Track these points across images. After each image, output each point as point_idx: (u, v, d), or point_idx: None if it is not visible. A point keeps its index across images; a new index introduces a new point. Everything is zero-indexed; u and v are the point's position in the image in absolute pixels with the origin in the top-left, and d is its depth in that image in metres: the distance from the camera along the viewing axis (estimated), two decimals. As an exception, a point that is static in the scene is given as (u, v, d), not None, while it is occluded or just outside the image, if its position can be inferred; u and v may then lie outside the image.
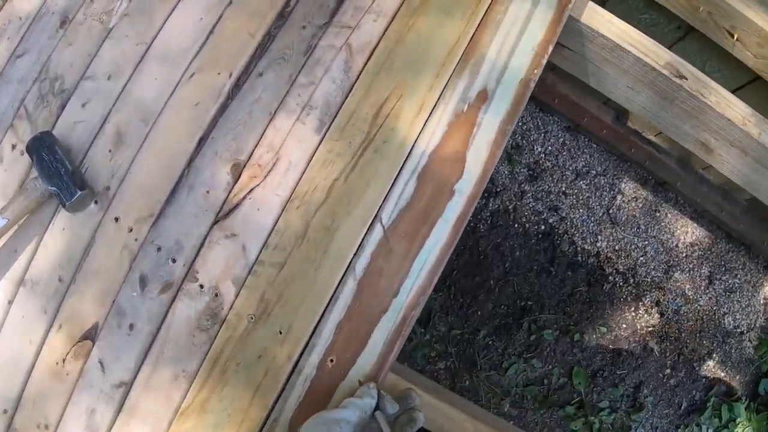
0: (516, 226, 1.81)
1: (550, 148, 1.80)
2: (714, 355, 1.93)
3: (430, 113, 0.90)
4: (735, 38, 1.16)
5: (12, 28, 1.01)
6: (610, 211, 1.84)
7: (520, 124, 1.78)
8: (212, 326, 0.89)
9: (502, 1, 0.94)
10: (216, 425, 0.89)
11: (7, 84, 0.99)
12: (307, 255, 0.88)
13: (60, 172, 0.90)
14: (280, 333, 0.88)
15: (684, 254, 1.89)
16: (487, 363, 1.81)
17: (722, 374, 1.96)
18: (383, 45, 0.92)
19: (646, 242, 1.86)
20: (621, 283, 1.86)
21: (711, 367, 1.94)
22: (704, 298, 1.91)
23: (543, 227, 1.82)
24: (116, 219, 0.93)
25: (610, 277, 1.85)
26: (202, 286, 0.90)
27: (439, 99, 0.91)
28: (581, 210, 1.82)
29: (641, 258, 1.86)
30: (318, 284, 0.88)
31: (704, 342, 1.92)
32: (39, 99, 0.97)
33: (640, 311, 1.88)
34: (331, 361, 0.88)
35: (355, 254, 0.88)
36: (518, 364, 1.81)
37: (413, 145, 0.89)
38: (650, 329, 1.89)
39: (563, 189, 1.82)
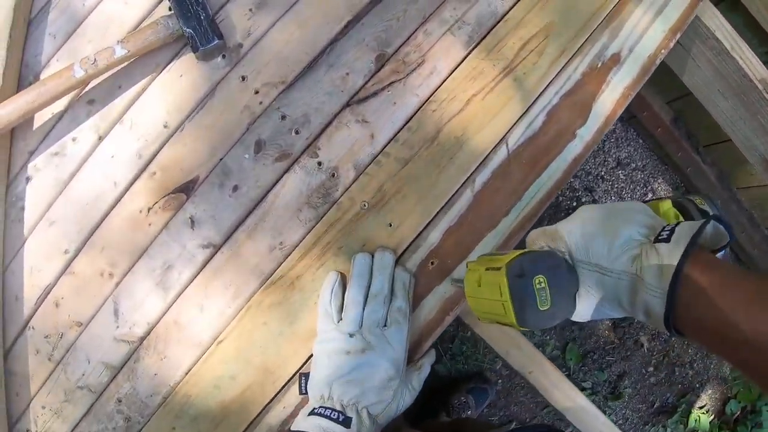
0: (550, 199, 1.95)
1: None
2: (695, 365, 2.12)
3: (570, 59, 0.99)
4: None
5: None
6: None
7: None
8: (322, 205, 0.93)
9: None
10: (302, 304, 0.92)
11: None
12: (433, 158, 0.94)
13: (200, 17, 0.91)
14: (390, 225, 0.93)
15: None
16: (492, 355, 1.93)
17: (697, 385, 2.15)
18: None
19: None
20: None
21: (689, 376, 2.12)
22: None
23: (574, 203, 1.94)
24: (243, 78, 0.94)
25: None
26: (320, 164, 0.94)
27: (579, 48, 0.99)
28: (613, 197, 1.97)
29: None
30: (437, 188, 0.94)
31: (689, 350, 2.11)
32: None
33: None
34: (432, 263, 0.94)
35: (477, 168, 0.94)
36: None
37: (549, 83, 0.98)
38: (646, 324, 2.08)
39: (602, 173, 1.94)
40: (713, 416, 2.15)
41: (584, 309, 0.67)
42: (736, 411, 2.15)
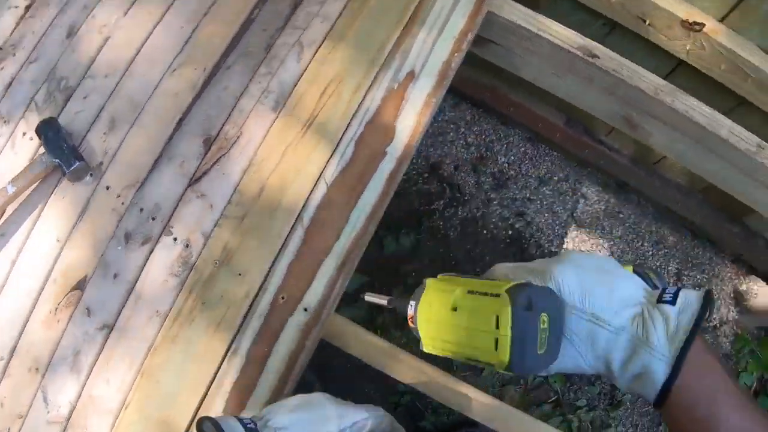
0: (485, 232, 2.02)
1: (512, 157, 2.04)
2: None
3: (366, 92, 1.16)
4: (647, 24, 1.39)
5: (26, 40, 1.30)
6: (575, 214, 2.06)
7: (483, 136, 2.03)
8: (183, 271, 1.12)
9: (428, 1, 1.23)
10: (184, 358, 1.09)
11: (21, 85, 1.27)
12: (263, 209, 1.12)
13: (62, 147, 1.17)
14: (240, 275, 1.10)
15: (650, 253, 2.08)
16: (464, 365, 1.98)
17: None
18: (328, 42, 1.19)
19: (612, 243, 2.06)
20: (590, 284, 2.05)
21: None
22: (674, 296, 2.08)
23: (510, 232, 2.02)
24: (107, 188, 1.17)
25: (579, 279, 2.05)
26: (175, 239, 1.13)
27: (374, 79, 1.16)
28: (546, 214, 2.04)
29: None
30: (272, 233, 1.11)
31: None
32: (47, 95, 1.24)
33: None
34: (282, 298, 1.09)
35: (303, 207, 1.11)
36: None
37: (352, 117, 1.15)
38: None
39: (528, 195, 2.04)
40: None
41: (562, 359, 0.63)
42: (752, 383, 2.04)
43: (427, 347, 0.70)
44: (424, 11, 1.21)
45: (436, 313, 0.67)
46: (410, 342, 1.94)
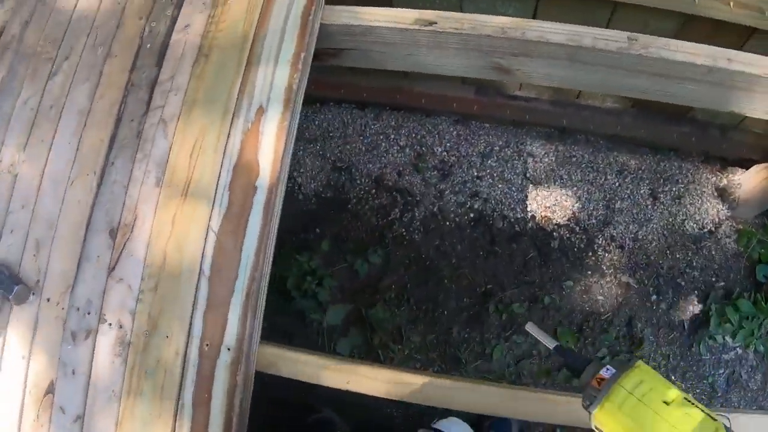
0: (447, 223, 2.08)
1: (448, 144, 2.10)
2: (694, 263, 2.02)
3: (227, 140, 1.29)
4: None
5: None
6: (528, 175, 2.08)
7: (413, 135, 2.11)
8: (123, 351, 1.26)
9: (258, 39, 1.35)
10: (144, 425, 1.22)
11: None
12: (170, 274, 1.24)
13: (2, 278, 1.35)
14: (167, 337, 1.23)
15: (617, 184, 2.06)
16: (471, 354, 2.01)
17: (713, 279, 2.02)
18: (184, 109, 1.33)
19: (575, 188, 2.06)
20: (568, 235, 2.05)
21: (698, 277, 2.02)
22: (656, 214, 2.05)
23: (472, 215, 2.07)
24: (48, 299, 1.34)
25: (554, 234, 2.05)
26: (110, 324, 1.28)
27: (230, 127, 1.30)
28: (500, 185, 2.07)
29: (577, 205, 2.06)
30: (182, 292, 1.23)
31: (678, 256, 2.02)
32: (-18, 237, 1.46)
33: (598, 253, 2.04)
34: (207, 345, 1.21)
35: (201, 261, 1.24)
36: (501, 346, 1.99)
37: (220, 167, 1.28)
38: (617, 265, 2.03)
39: (475, 174, 2.09)
40: (751, 293, 1.96)
41: None
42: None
43: (601, 412, 0.75)
44: (257, 50, 1.34)
45: (645, 394, 0.72)
46: (413, 358, 2.00)
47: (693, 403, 0.71)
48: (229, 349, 1.19)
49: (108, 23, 1.48)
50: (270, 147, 1.26)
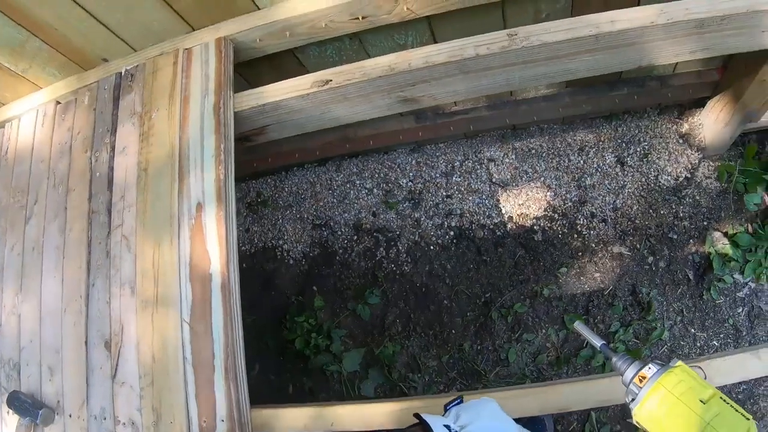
0: (432, 247, 2.18)
1: (411, 174, 2.22)
2: (681, 214, 2.04)
3: (178, 241, 1.46)
4: (362, 18, 1.60)
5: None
6: (494, 180, 2.17)
7: (376, 175, 2.24)
8: (131, 443, 1.41)
9: (183, 144, 1.53)
10: None
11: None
12: (161, 368, 1.40)
13: (27, 407, 1.53)
14: (171, 422, 1.37)
15: (582, 162, 2.12)
16: (489, 364, 2.07)
17: (704, 223, 2.03)
18: (138, 221, 1.52)
19: (543, 178, 2.13)
20: (548, 225, 2.11)
21: (689, 226, 2.04)
22: (628, 179, 2.09)
23: (451, 233, 2.17)
24: (70, 415, 1.52)
25: (535, 228, 2.12)
26: (124, 424, 1.43)
27: (178, 230, 1.47)
28: (470, 197, 2.17)
29: (549, 194, 2.12)
30: (174, 381, 1.37)
31: (662, 212, 2.05)
32: (6, 377, 1.64)
33: (583, 232, 2.09)
34: (204, 421, 1.34)
35: (182, 349, 1.39)
36: (514, 348, 2.05)
37: (178, 266, 1.44)
38: (605, 239, 2.07)
39: (444, 194, 2.19)
40: (746, 227, 1.97)
41: None
42: (760, 200, 1.95)
43: (642, 408, 0.82)
44: (185, 154, 1.52)
45: (683, 393, 0.79)
46: (435, 381, 2.07)
47: (728, 403, 0.76)
48: (222, 420, 1.32)
49: (61, 162, 1.71)
50: (214, 236, 1.43)
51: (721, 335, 1.98)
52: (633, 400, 0.85)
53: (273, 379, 2.20)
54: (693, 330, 2.00)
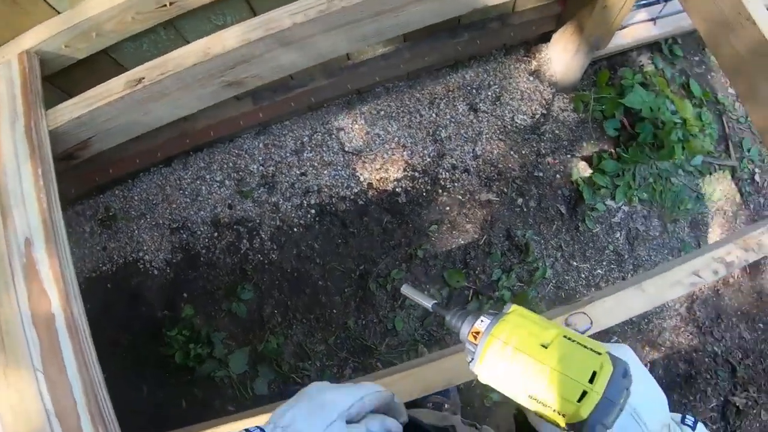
0: (295, 229, 2.35)
1: (260, 157, 2.37)
2: (543, 150, 2.35)
3: (13, 285, 1.61)
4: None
5: None
6: (347, 148, 2.39)
7: (224, 165, 2.37)
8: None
9: (1, 176, 1.67)
10: None
11: None
12: (29, 426, 1.58)
13: None
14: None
15: (434, 115, 2.39)
16: (377, 337, 2.30)
17: (568, 155, 2.37)
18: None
19: (397, 138, 2.37)
20: (410, 186, 2.38)
21: (552, 162, 2.35)
22: (483, 125, 2.38)
23: (312, 211, 2.34)
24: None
25: (397, 190, 2.37)
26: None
27: (11, 269, 1.61)
28: (325, 171, 2.36)
29: (405, 153, 2.38)
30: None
31: (524, 152, 2.36)
32: None
33: (447, 188, 2.37)
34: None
35: (42, 401, 1.56)
36: (399, 316, 2.32)
37: (18, 308, 1.59)
38: (471, 189, 2.35)
39: (299, 173, 2.36)
40: (611, 151, 2.31)
41: None
42: (618, 124, 2.32)
43: (482, 367, 0.78)
44: (3, 190, 1.61)
45: (522, 340, 0.75)
46: (327, 365, 2.33)
47: (574, 340, 0.73)
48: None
49: None
50: (48, 272, 1.57)
51: (604, 263, 2.35)
52: (471, 360, 0.81)
53: (162, 397, 2.40)
54: (575, 263, 2.36)
